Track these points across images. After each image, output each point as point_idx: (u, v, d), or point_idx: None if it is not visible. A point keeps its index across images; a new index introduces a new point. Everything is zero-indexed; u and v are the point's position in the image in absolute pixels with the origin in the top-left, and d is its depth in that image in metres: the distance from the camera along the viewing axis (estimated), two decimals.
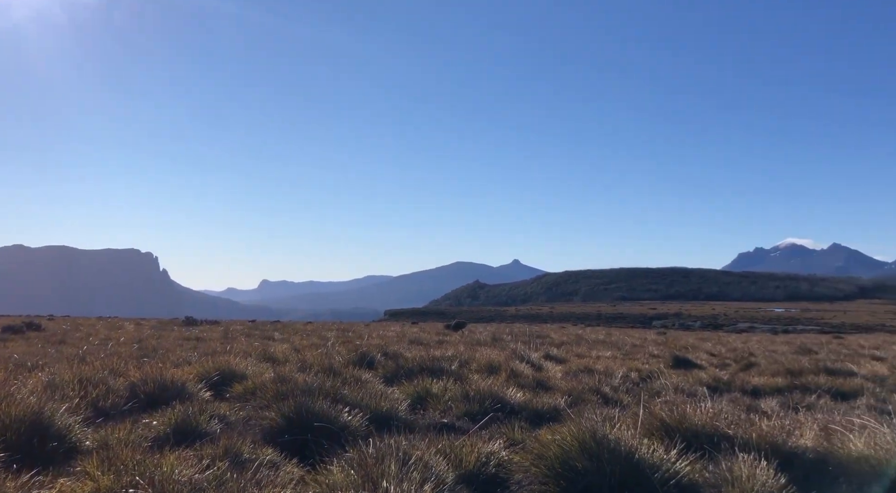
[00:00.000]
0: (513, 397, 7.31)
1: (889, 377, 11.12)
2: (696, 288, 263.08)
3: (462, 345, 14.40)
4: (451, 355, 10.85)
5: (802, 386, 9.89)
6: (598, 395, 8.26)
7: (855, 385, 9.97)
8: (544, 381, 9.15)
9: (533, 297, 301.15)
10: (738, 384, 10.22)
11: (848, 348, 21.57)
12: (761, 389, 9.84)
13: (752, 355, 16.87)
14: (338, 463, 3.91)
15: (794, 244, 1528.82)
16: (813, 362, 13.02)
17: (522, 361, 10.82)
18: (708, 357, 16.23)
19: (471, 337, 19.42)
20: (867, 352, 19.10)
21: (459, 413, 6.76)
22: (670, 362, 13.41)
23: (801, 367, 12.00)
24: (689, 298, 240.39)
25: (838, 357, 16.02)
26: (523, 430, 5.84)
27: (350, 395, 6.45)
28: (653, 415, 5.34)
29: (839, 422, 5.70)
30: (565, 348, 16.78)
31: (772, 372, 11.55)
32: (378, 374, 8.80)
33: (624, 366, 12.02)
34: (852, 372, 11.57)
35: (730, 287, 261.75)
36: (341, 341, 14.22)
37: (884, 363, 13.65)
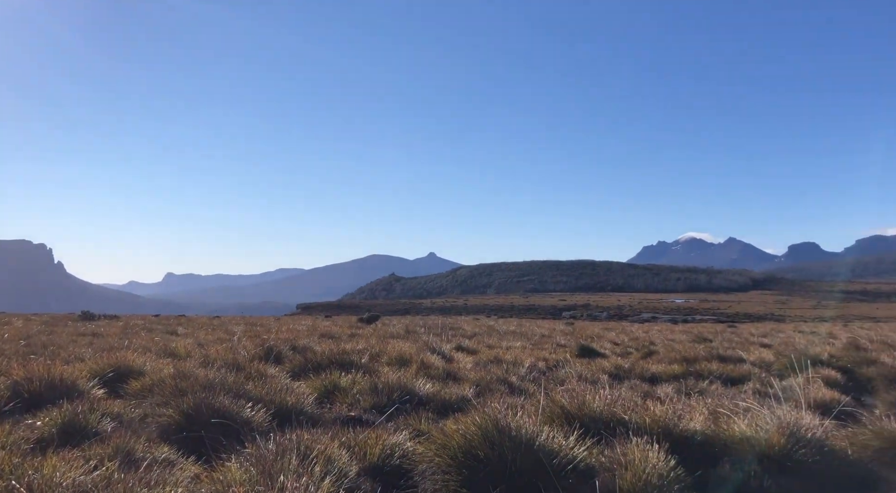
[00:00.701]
0: (422, 388, 7.34)
1: (774, 363, 11.88)
2: (604, 280, 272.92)
3: (374, 338, 14.33)
4: (362, 349, 10.79)
5: (697, 373, 10.43)
6: (506, 384, 8.42)
7: (744, 371, 10.63)
8: (454, 372, 9.24)
9: (448, 289, 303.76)
10: (638, 372, 10.67)
11: (740, 337, 22.93)
12: (659, 376, 10.32)
13: (653, 344, 17.67)
14: (236, 460, 3.81)
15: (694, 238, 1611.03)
16: (707, 350, 13.77)
17: (434, 353, 10.89)
18: (611, 346, 16.86)
19: (384, 330, 19.36)
20: (756, 340, 20.37)
21: (367, 406, 6.73)
22: (576, 352, 13.85)
23: (697, 355, 12.67)
24: (597, 289, 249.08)
25: (730, 345, 17.01)
26: (430, 421, 5.88)
27: (254, 390, 6.30)
28: (554, 403, 5.50)
29: (727, 406, 6.05)
30: (477, 340, 17.01)
31: (669, 360, 12.12)
32: (285, 368, 8.63)
33: (532, 356, 12.31)
34: (742, 359, 12.31)
35: (635, 279, 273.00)
36: (248, 336, 13.86)
37: (770, 350, 14.57)
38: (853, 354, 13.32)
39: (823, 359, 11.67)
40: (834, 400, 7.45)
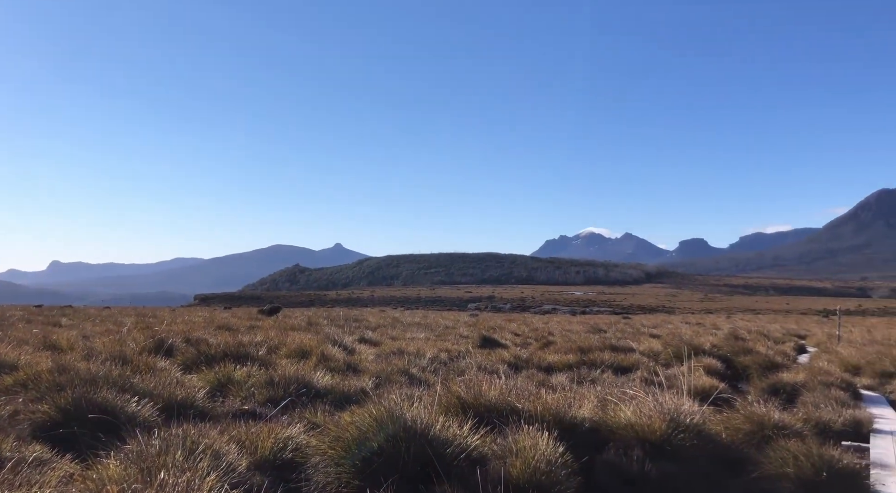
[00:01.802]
0: (320, 381, 7.25)
1: (662, 353, 12.53)
2: (508, 272, 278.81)
3: (274, 330, 14.01)
4: (261, 341, 10.54)
5: (590, 362, 10.85)
6: (406, 376, 8.45)
7: (634, 360, 11.15)
8: (355, 364, 9.19)
9: (355, 281, 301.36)
10: (536, 362, 10.99)
11: (632, 328, 24.08)
12: (555, 365, 10.66)
13: (551, 335, 18.25)
14: (116, 457, 3.62)
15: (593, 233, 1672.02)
16: (601, 341, 14.37)
17: (335, 345, 10.78)
18: (512, 337, 17.27)
19: (285, 322, 18.96)
20: (647, 331, 21.45)
21: (262, 400, 6.57)
22: (478, 343, 14.09)
23: (591, 345, 13.19)
24: (501, 281, 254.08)
25: (623, 336, 17.83)
26: (327, 413, 5.81)
27: (141, 384, 6.01)
28: (451, 393, 5.57)
29: (615, 394, 6.32)
30: (381, 332, 16.98)
31: (566, 350, 12.53)
32: (177, 361, 8.29)
33: (435, 347, 12.42)
34: (632, 349, 12.91)
35: (538, 272, 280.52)
36: (139, 328, 13.21)
37: (659, 340, 15.37)
38: (733, 344, 14.28)
39: (706, 349, 12.43)
40: (713, 387, 7.93)
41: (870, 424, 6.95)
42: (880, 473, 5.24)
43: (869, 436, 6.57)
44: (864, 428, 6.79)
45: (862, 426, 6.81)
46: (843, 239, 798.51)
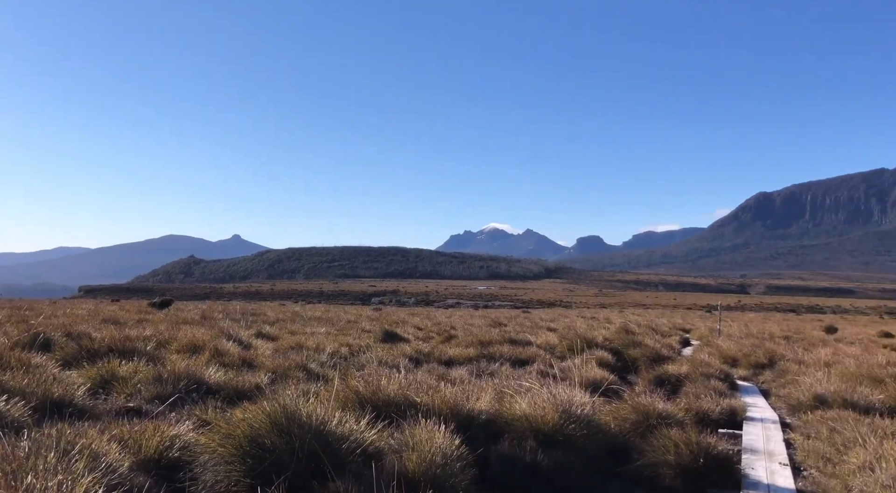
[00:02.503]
0: (212, 376, 6.99)
1: (558, 346, 12.94)
2: (413, 267, 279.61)
3: (165, 324, 13.37)
4: (150, 335, 10.03)
5: (490, 355, 11.05)
6: (304, 371, 8.29)
7: (531, 353, 11.45)
8: (251, 359, 8.92)
9: (254, 274, 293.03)
10: (437, 356, 11.06)
11: (531, 321, 24.72)
12: (456, 359, 10.78)
13: (453, 329, 18.45)
14: None
15: (497, 229, 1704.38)
16: (501, 334, 14.67)
17: (231, 340, 10.43)
18: (415, 331, 17.31)
19: (177, 316, 18.15)
20: (545, 324, 22.09)
21: (150, 396, 6.26)
22: (380, 337, 14.03)
23: (491, 338, 13.44)
24: (406, 276, 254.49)
25: (522, 329, 18.27)
26: (218, 410, 5.60)
27: (12, 381, 5.58)
28: (350, 388, 5.51)
29: (512, 386, 6.46)
30: (279, 326, 16.58)
31: (467, 344, 12.70)
32: (56, 357, 7.76)
33: (336, 342, 12.25)
34: (530, 342, 13.26)
35: (442, 267, 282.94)
36: (13, 321, 12.26)
37: (556, 334, 15.85)
38: (624, 337, 14.94)
39: (599, 342, 12.94)
40: (603, 379, 8.26)
41: (743, 412, 7.46)
42: (750, 457, 5.64)
43: (742, 424, 7.06)
44: (739, 416, 7.28)
45: (737, 414, 7.30)
46: (725, 239, 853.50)
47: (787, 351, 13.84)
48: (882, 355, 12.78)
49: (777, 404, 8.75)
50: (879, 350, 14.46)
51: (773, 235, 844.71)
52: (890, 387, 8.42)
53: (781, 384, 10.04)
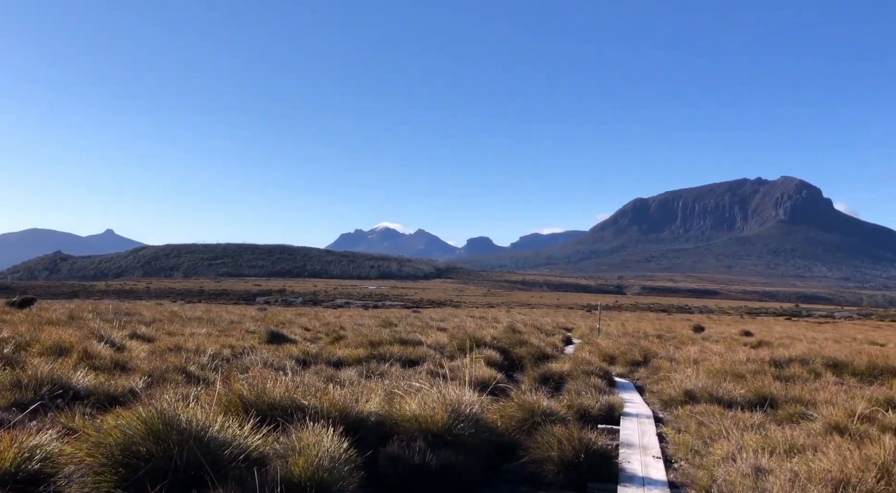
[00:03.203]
0: (81, 381, 6.51)
1: (448, 345, 13.07)
2: (301, 266, 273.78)
3: (26, 325, 12.31)
4: (8, 337, 9.19)
5: (380, 356, 10.98)
6: (184, 374, 7.89)
7: (421, 353, 11.49)
8: (125, 362, 8.39)
9: (128, 271, 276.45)
10: (326, 357, 10.86)
11: (422, 321, 24.86)
12: (345, 360, 10.64)
13: (343, 329, 18.22)
14: None
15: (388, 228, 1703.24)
16: (392, 334, 14.64)
17: (102, 341, 9.75)
18: (302, 332, 16.95)
19: (41, 316, 16.77)
20: (435, 324, 22.28)
21: (7, 403, 5.73)
22: (265, 338, 13.61)
23: (382, 338, 13.38)
24: (293, 275, 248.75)
25: (413, 329, 18.33)
26: (88, 417, 5.22)
27: None
28: (233, 392, 5.29)
29: (402, 387, 6.45)
30: (156, 327, 15.72)
31: (356, 344, 12.57)
32: None
33: (218, 343, 11.77)
34: (420, 342, 13.31)
35: (331, 266, 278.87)
36: None
37: (446, 333, 16.01)
38: (510, 336, 15.33)
39: (487, 341, 13.20)
40: (491, 378, 8.42)
41: (621, 408, 7.84)
42: (627, 451, 5.93)
43: (620, 419, 7.42)
44: (616, 412, 7.65)
45: (614, 410, 7.66)
46: (605, 242, 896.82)
47: (660, 349, 14.70)
48: (743, 352, 13.86)
49: (651, 400, 9.27)
50: (741, 348, 15.65)
51: (648, 239, 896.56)
52: (750, 382, 9.13)
53: (655, 381, 10.64)
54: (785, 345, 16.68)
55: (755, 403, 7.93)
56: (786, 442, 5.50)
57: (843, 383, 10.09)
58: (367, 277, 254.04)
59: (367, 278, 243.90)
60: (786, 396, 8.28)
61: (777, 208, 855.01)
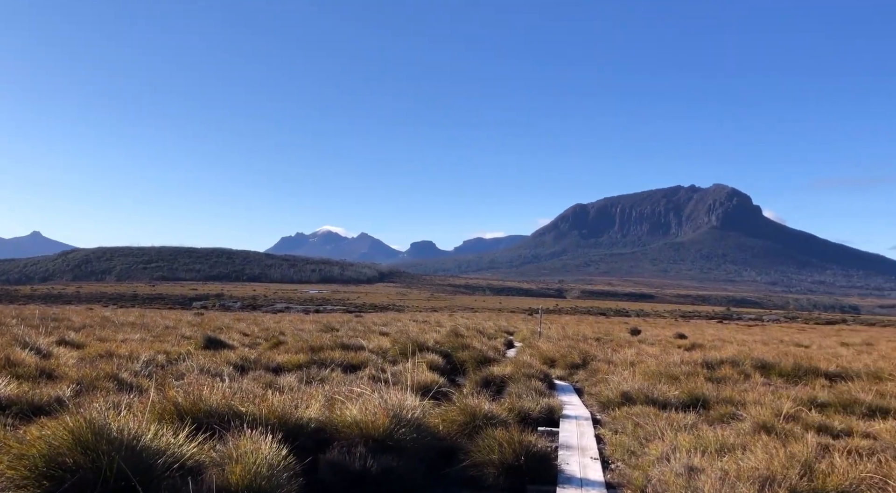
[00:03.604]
0: (2, 390, 6.19)
1: (390, 350, 13.02)
2: (240, 269, 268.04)
3: None
4: None
5: (321, 361, 10.84)
6: (116, 381, 7.62)
7: (363, 358, 11.40)
8: (51, 369, 8.04)
9: (57, 275, 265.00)
10: (265, 362, 10.66)
11: (364, 326, 24.67)
12: (285, 365, 10.45)
13: (282, 334, 17.91)
14: None
15: (330, 231, 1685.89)
16: (333, 339, 14.47)
17: (26, 348, 9.32)
18: (241, 337, 16.60)
19: None
20: (378, 329, 22.15)
21: None
22: (202, 344, 13.27)
23: (323, 343, 13.21)
24: (232, 279, 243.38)
25: (355, 334, 18.17)
26: (10, 428, 4.98)
27: None
28: (168, 399, 5.13)
29: (343, 392, 6.39)
30: (86, 332, 15.13)
31: (297, 349, 12.38)
32: None
33: (152, 349, 11.41)
34: (362, 346, 13.21)
35: (271, 269, 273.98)
36: None
37: (388, 338, 15.94)
38: (453, 340, 15.38)
39: (430, 345, 13.20)
40: (434, 382, 8.44)
41: (560, 410, 7.97)
42: (566, 453, 6.03)
43: (559, 421, 7.53)
44: (556, 414, 7.77)
45: (554, 413, 7.78)
46: (546, 246, 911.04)
47: (598, 352, 15.01)
48: (677, 354, 14.29)
49: (590, 402, 9.45)
50: (675, 350, 16.13)
51: (587, 244, 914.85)
52: (684, 384, 9.42)
53: (593, 383, 10.85)
54: (716, 347, 17.26)
55: (688, 404, 8.18)
56: (717, 442, 5.69)
57: (771, 384, 10.51)
58: (308, 281, 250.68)
59: (309, 283, 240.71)
60: (717, 396, 8.57)
61: (710, 215, 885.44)
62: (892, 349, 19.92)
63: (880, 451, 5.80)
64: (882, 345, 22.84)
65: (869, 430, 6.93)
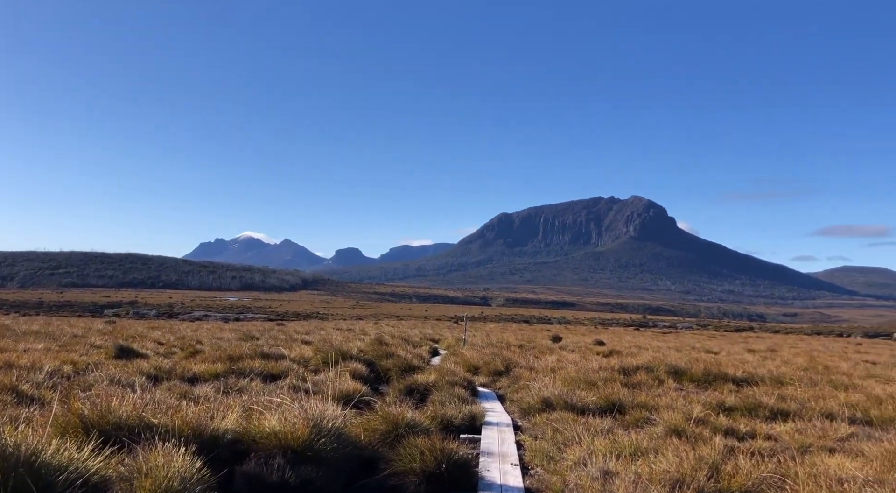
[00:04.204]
0: None
1: (312, 359, 12.81)
2: (156, 276, 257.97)
3: None
4: None
5: (240, 371, 10.55)
6: (15, 394, 7.16)
7: (284, 367, 11.17)
8: None
9: None
10: (180, 372, 10.28)
11: (286, 334, 24.19)
12: (201, 375, 10.11)
13: (200, 343, 17.34)
14: None
15: (252, 237, 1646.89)
16: (253, 348, 14.10)
17: None
18: (155, 346, 15.96)
19: None
20: (300, 337, 21.76)
21: None
22: (113, 353, 12.68)
23: (242, 352, 12.85)
24: (147, 285, 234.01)
25: (276, 342, 17.79)
26: None
27: None
28: (72, 412, 4.87)
29: (262, 402, 6.24)
30: None
31: (214, 359, 12.00)
32: None
33: (58, 359, 10.82)
34: (283, 356, 12.94)
35: (190, 276, 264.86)
36: None
37: (311, 347, 15.68)
38: (378, 348, 15.29)
39: (354, 354, 13.06)
40: (356, 391, 8.35)
41: (482, 417, 8.04)
42: (487, 460, 6.09)
43: (481, 428, 7.60)
44: (478, 421, 7.83)
45: (476, 420, 7.84)
46: (472, 254, 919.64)
47: (521, 359, 15.25)
48: (595, 360, 14.68)
49: (511, 409, 9.57)
50: (594, 357, 16.57)
51: (512, 253, 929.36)
52: (601, 389, 9.68)
53: (515, 390, 11.00)
54: (633, 354, 17.85)
55: (606, 409, 8.41)
56: (631, 446, 5.87)
57: (683, 389, 10.95)
58: (228, 288, 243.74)
59: (229, 290, 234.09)
60: (633, 401, 8.85)
61: (628, 225, 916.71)
62: (793, 355, 21.15)
63: (780, 451, 6.14)
64: (784, 351, 24.21)
65: (771, 432, 7.32)
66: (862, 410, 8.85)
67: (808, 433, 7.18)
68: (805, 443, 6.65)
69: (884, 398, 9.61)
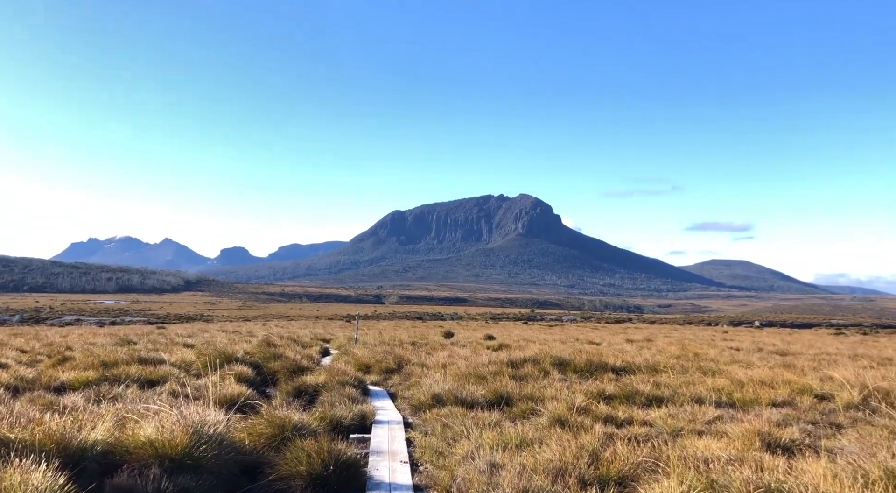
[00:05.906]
0: None
1: (195, 363, 12.24)
2: (20, 279, 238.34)
3: None
4: None
5: (114, 377, 9.93)
6: None
7: (163, 373, 10.60)
8: None
9: None
10: (46, 382, 9.55)
11: (167, 338, 22.98)
12: (71, 384, 9.44)
13: (70, 349, 16.15)
14: None
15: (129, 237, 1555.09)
16: (130, 353, 13.29)
17: None
18: (17, 354, 14.73)
19: None
20: (182, 340, 20.74)
21: None
22: None
23: (117, 358, 12.08)
24: (10, 289, 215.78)
25: (155, 347, 16.86)
26: None
27: None
28: None
29: (138, 410, 5.90)
30: None
31: (86, 366, 11.22)
32: None
33: None
34: (163, 360, 12.29)
35: (59, 278, 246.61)
36: None
37: (193, 350, 14.99)
38: (265, 350, 14.82)
39: (239, 357, 12.61)
40: (241, 394, 8.07)
41: (373, 416, 7.99)
42: (376, 459, 6.05)
43: (372, 427, 7.55)
44: (369, 420, 7.78)
45: (367, 419, 7.78)
46: (365, 252, 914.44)
47: (413, 356, 15.30)
48: (486, 355, 14.97)
49: (402, 406, 9.58)
50: (484, 351, 16.90)
51: (405, 250, 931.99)
52: (490, 383, 9.88)
53: (407, 387, 11.03)
54: (521, 347, 18.35)
55: (494, 402, 8.59)
56: (518, 437, 6.03)
57: (567, 380, 11.37)
58: (103, 291, 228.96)
59: (104, 293, 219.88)
60: (520, 394, 9.09)
61: (516, 223, 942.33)
62: (667, 344, 22.51)
63: (654, 436, 6.50)
64: (659, 341, 25.73)
65: (646, 418, 7.75)
66: (727, 393, 9.54)
67: (680, 418, 7.65)
68: (677, 427, 7.08)
69: (745, 382, 10.41)
